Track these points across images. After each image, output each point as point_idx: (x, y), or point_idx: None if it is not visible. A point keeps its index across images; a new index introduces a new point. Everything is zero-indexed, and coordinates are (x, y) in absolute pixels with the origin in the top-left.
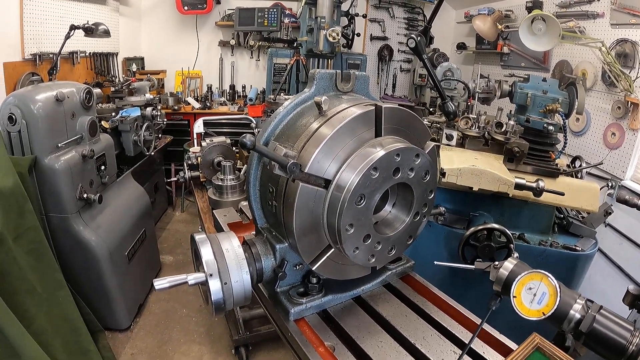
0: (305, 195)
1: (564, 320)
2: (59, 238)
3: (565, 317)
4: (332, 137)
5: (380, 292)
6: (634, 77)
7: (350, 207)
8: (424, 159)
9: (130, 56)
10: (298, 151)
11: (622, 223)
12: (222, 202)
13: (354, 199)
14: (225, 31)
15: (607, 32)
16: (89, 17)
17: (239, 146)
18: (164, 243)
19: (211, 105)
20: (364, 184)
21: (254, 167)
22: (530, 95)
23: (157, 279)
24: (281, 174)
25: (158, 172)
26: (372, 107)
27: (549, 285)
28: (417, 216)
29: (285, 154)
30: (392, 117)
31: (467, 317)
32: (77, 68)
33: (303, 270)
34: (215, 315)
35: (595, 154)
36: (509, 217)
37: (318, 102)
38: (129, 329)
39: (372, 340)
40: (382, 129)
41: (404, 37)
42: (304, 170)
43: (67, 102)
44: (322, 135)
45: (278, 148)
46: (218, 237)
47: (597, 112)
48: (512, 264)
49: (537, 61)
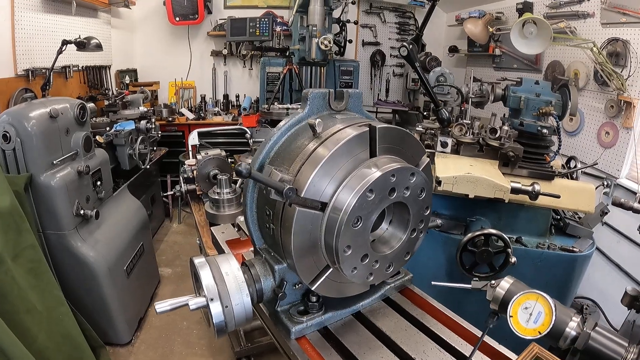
0: (302, 219)
1: (560, 337)
2: (57, 255)
3: (561, 334)
4: (327, 161)
5: (379, 306)
6: (626, 76)
7: (347, 229)
8: (419, 177)
9: (123, 68)
10: (294, 175)
11: (619, 221)
12: (220, 215)
13: (351, 221)
14: (217, 41)
15: (597, 32)
16: (80, 30)
17: (234, 173)
18: (162, 255)
19: (205, 116)
20: (361, 206)
21: (250, 190)
22: (523, 98)
23: (159, 302)
24: (277, 198)
25: (154, 185)
26: (366, 127)
27: (544, 305)
28: (414, 232)
29: (281, 179)
30: (385, 136)
31: (466, 328)
32: (70, 82)
33: (302, 289)
34: (217, 337)
35: (590, 153)
36: (506, 221)
37: (312, 125)
38: (130, 344)
39: (373, 356)
40: (376, 148)
41: (396, 42)
42: (300, 195)
43: (61, 118)
44: (318, 158)
45: (273, 173)
46: (217, 260)
47: (591, 112)
48: (509, 283)
49: (529, 62)
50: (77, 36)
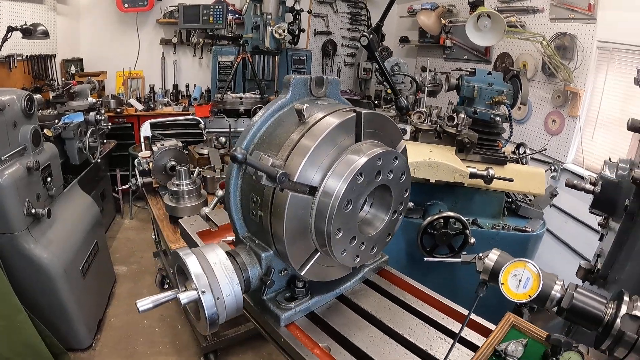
0: (294, 204)
1: (547, 299)
2: (9, 259)
3: (547, 297)
4: (317, 145)
5: (360, 288)
6: (572, 68)
7: (339, 212)
8: (401, 160)
9: (68, 57)
10: (283, 160)
11: (566, 203)
12: (180, 208)
13: (342, 204)
14: (167, 29)
15: (546, 26)
16: (25, 17)
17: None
18: (116, 253)
19: (155, 107)
20: (351, 189)
21: (234, 177)
22: (477, 88)
23: (140, 300)
24: (269, 184)
25: (104, 179)
26: (353, 113)
27: (531, 271)
28: (395, 214)
29: (272, 164)
30: (370, 121)
31: (445, 303)
32: (14, 73)
33: (287, 275)
34: (209, 331)
35: (538, 140)
36: (462, 204)
37: (299, 110)
38: (91, 347)
39: (363, 335)
40: (362, 133)
41: (348, 32)
42: (293, 180)
43: (8, 110)
44: (308, 144)
45: (264, 158)
46: (203, 250)
47: (538, 101)
48: (496, 255)
49: (479, 54)
50: (23, 23)
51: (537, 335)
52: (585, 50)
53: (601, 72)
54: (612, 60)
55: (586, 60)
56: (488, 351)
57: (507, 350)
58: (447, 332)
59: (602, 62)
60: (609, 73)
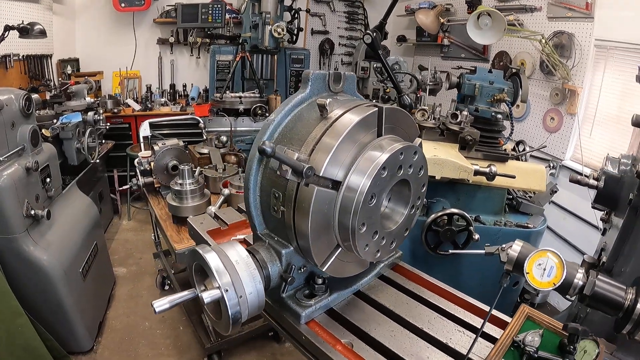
0: (320, 199)
1: (570, 287)
2: (9, 261)
3: (570, 284)
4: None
5: (376, 284)
6: (571, 66)
7: (364, 207)
8: (420, 155)
9: (65, 58)
10: (307, 155)
11: (565, 200)
12: (183, 207)
13: (367, 199)
14: (163, 28)
15: (544, 25)
16: (21, 16)
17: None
18: (115, 254)
19: (152, 107)
20: (375, 184)
21: (254, 172)
22: (478, 86)
23: (157, 300)
24: (294, 179)
25: (101, 180)
26: (374, 109)
27: (555, 259)
28: (413, 209)
29: (298, 159)
30: (390, 116)
31: (460, 297)
32: (10, 73)
33: (306, 272)
34: (231, 330)
35: (536, 137)
36: (465, 201)
37: (322, 105)
38: (92, 350)
39: (384, 330)
40: (382, 128)
41: (345, 31)
42: (319, 174)
43: (6, 110)
44: (332, 140)
45: (288, 152)
46: (223, 248)
47: (536, 99)
48: (519, 246)
49: (477, 52)
50: (20, 22)
51: (552, 325)
52: (582, 48)
53: (599, 70)
54: (610, 58)
55: (584, 58)
56: (507, 342)
57: (525, 341)
58: (465, 325)
59: (599, 60)
60: (607, 71)
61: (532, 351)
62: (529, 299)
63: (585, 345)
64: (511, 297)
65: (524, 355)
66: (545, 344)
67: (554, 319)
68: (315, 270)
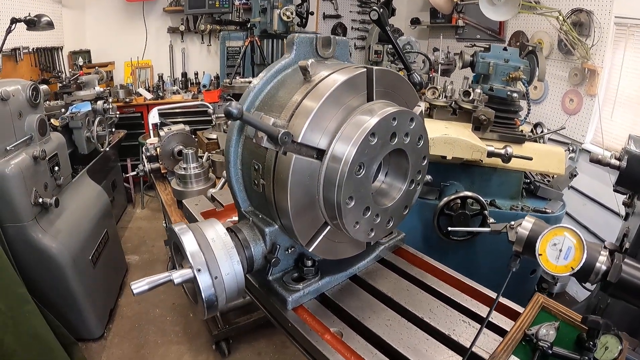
0: (299, 169)
1: (591, 272)
2: (18, 249)
3: (592, 269)
4: (323, 103)
5: (375, 268)
6: (590, 45)
7: (350, 178)
8: (418, 122)
9: (75, 50)
10: (286, 121)
11: (585, 185)
12: (187, 192)
13: (353, 169)
14: (173, 17)
15: (561, 2)
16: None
17: (224, 115)
18: (128, 243)
19: (164, 95)
20: (363, 152)
21: (234, 143)
22: (492, 64)
23: (135, 281)
24: (270, 146)
25: (114, 169)
26: (363, 69)
27: (573, 239)
28: (412, 184)
29: (274, 124)
30: (382, 79)
31: (467, 284)
32: (20, 66)
33: (295, 253)
34: (207, 315)
35: (555, 120)
36: (479, 185)
37: (304, 66)
38: (102, 337)
39: (379, 319)
40: (373, 92)
41: (357, 15)
42: (297, 141)
43: (13, 100)
44: (313, 102)
45: (264, 117)
46: (200, 226)
47: (555, 80)
48: (530, 223)
49: (492, 33)
50: (27, 14)
51: (570, 317)
52: (602, 26)
53: (619, 48)
54: (630, 37)
55: (603, 36)
56: (518, 335)
57: (538, 335)
58: (470, 315)
59: (620, 39)
60: (627, 50)
61: (545, 346)
62: (547, 288)
63: (607, 340)
64: (528, 287)
65: (537, 350)
66: (561, 339)
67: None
68: (305, 252)
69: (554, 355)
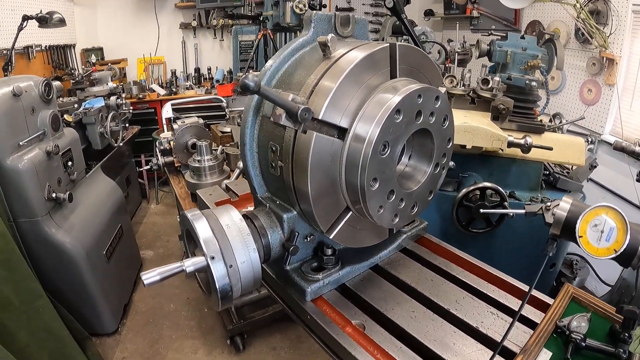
0: (320, 149)
1: (635, 255)
2: (31, 244)
3: (635, 252)
4: (345, 80)
5: (398, 257)
6: (607, 34)
7: (375, 158)
8: (444, 102)
9: (88, 47)
10: (306, 98)
11: (605, 177)
12: (202, 184)
13: (378, 148)
14: (185, 12)
15: None
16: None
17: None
18: (142, 238)
19: (177, 91)
20: (387, 130)
21: (250, 124)
22: (509, 52)
23: (145, 272)
24: (288, 124)
25: (128, 165)
26: (386, 44)
27: (616, 219)
28: (437, 167)
29: (292, 99)
30: (406, 56)
31: (494, 274)
32: (33, 63)
33: (314, 242)
34: (221, 307)
35: (573, 110)
36: (498, 176)
37: (324, 42)
38: (116, 332)
39: (403, 311)
40: (397, 69)
41: (370, 8)
42: (318, 118)
43: (25, 96)
44: (333, 78)
45: (282, 94)
46: (214, 212)
47: (572, 70)
48: (569, 203)
49: (508, 23)
50: (39, 11)
51: (602, 308)
52: (619, 14)
53: (638, 37)
54: None
55: (621, 25)
56: (549, 328)
57: (570, 327)
58: (498, 306)
59: (638, 26)
60: None
61: (578, 339)
62: (565, 282)
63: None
64: (547, 281)
65: (570, 343)
66: (594, 330)
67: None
68: (325, 240)
69: (588, 348)
